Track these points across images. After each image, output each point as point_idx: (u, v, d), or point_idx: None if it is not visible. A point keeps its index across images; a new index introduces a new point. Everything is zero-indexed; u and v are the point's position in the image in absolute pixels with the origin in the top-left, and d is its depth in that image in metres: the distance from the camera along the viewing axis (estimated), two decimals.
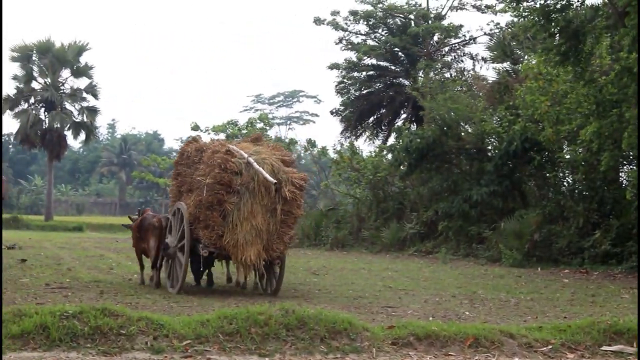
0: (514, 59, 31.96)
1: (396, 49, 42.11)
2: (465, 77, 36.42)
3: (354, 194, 32.41)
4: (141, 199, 78.36)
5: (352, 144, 36.29)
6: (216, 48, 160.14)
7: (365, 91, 42.64)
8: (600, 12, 17.81)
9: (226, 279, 14.34)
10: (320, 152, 39.46)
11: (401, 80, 42.10)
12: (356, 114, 41.85)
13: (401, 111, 42.00)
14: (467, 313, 11.31)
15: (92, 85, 49.15)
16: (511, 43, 32.75)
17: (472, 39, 40.91)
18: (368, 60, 42.32)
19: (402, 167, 27.32)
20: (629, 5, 16.82)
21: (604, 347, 8.59)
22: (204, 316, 8.46)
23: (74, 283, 13.78)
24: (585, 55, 18.22)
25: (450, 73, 39.11)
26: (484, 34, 39.70)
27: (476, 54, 40.86)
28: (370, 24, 42.20)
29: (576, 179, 22.78)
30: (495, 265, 21.36)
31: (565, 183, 24.02)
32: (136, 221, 14.73)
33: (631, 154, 19.96)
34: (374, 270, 19.18)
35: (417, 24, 40.34)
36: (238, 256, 12.70)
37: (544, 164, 23.08)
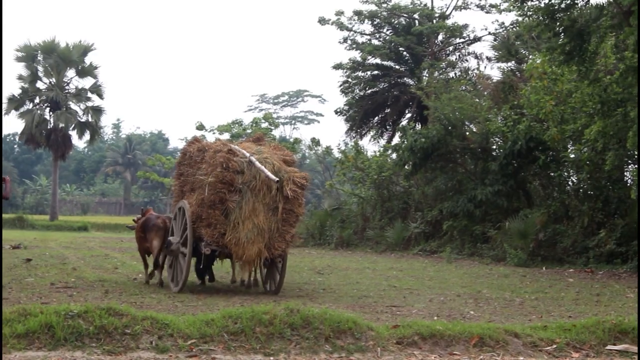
0: (518, 58, 31.96)
1: (401, 49, 42.12)
2: (469, 76, 36.41)
3: (358, 193, 32.42)
4: (146, 198, 78.48)
5: (357, 143, 36.27)
6: (221, 47, 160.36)
7: (369, 91, 42.63)
8: (605, 12, 17.77)
9: (231, 280, 14.36)
10: (324, 152, 39.47)
11: (406, 79, 42.09)
12: (361, 114, 41.86)
13: (406, 111, 42.02)
14: (471, 312, 11.29)
15: (97, 85, 49.24)
16: (516, 42, 32.75)
17: (477, 39, 40.93)
18: (372, 60, 42.35)
19: (406, 167, 27.29)
20: (634, 5, 16.80)
21: (609, 347, 8.58)
22: (209, 315, 8.46)
23: (78, 282, 13.80)
24: (590, 55, 18.19)
25: (454, 72, 39.13)
26: (489, 33, 39.75)
27: (480, 53, 40.94)
28: (375, 23, 42.21)
29: (581, 179, 22.73)
30: (499, 264, 21.34)
31: (570, 182, 23.96)
32: (139, 221, 14.81)
33: (636, 153, 19.92)
34: (379, 270, 19.18)
35: (422, 24, 40.33)
36: (240, 254, 12.77)
37: (549, 163, 23.03)
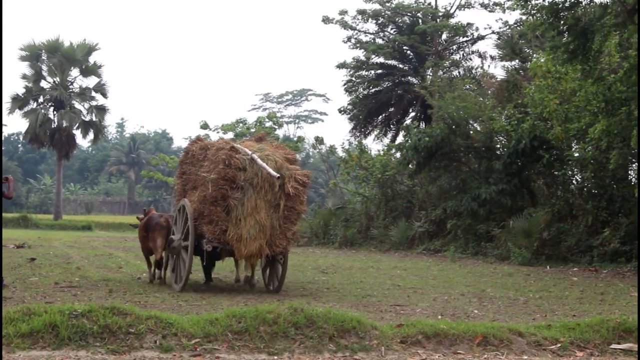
0: (522, 57, 31.93)
1: (404, 48, 42.13)
2: (473, 75, 36.39)
3: (362, 192, 32.43)
4: (150, 197, 78.54)
5: (361, 142, 36.32)
6: (225, 47, 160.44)
7: (373, 90, 42.65)
8: (609, 10, 17.73)
9: (235, 279, 14.38)
10: (328, 151, 39.48)
11: (409, 78, 42.10)
12: (364, 113, 41.88)
13: (409, 109, 42.03)
14: (475, 311, 11.28)
15: (101, 84, 49.30)
16: (520, 41, 32.72)
17: (481, 37, 40.90)
18: (376, 59, 42.35)
19: (410, 166, 27.28)
20: (638, 3, 16.77)
21: (613, 345, 8.57)
22: (213, 315, 8.47)
23: (83, 282, 13.81)
24: (594, 54, 18.17)
25: (458, 71, 39.10)
26: (492, 32, 39.74)
27: (484, 52, 40.89)
28: (379, 22, 42.21)
29: (585, 177, 22.70)
30: (504, 263, 21.33)
31: (574, 181, 23.95)
32: (142, 221, 14.88)
33: (639, 152, 19.89)
34: (383, 269, 19.17)
35: (425, 23, 40.31)
36: (241, 251, 12.84)
37: (553, 162, 23.02)
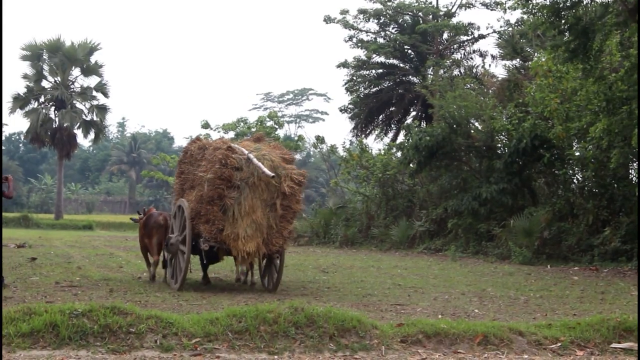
0: (523, 56, 31.92)
1: (406, 47, 42.11)
2: (474, 74, 36.38)
3: (363, 191, 32.43)
4: (151, 197, 78.60)
5: (362, 141, 36.31)
6: (226, 46, 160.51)
7: (374, 89, 42.65)
8: (610, 9, 17.74)
9: (235, 279, 14.42)
10: (329, 150, 39.49)
11: (410, 78, 42.08)
12: (365, 112, 41.88)
13: (410, 109, 42.04)
14: (476, 311, 11.28)
15: (102, 84, 49.33)
16: (521, 40, 32.71)
17: (482, 36, 40.88)
18: (377, 58, 42.34)
19: (411, 165, 27.29)
20: (638, 2, 16.76)
21: (614, 345, 8.56)
22: (213, 314, 8.47)
23: (83, 281, 13.82)
24: (595, 53, 18.16)
25: (459, 70, 39.08)
26: (494, 31, 39.70)
27: (485, 51, 40.89)
28: (380, 22, 42.21)
29: (586, 176, 22.70)
30: (504, 262, 21.32)
31: (575, 180, 23.94)
32: (142, 219, 14.98)
33: (639, 151, 19.89)
34: (383, 268, 19.18)
35: (427, 22, 40.30)
36: (238, 250, 12.92)
37: (554, 161, 23.01)
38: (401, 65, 42.64)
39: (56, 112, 48.30)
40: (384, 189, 30.77)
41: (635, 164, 21.96)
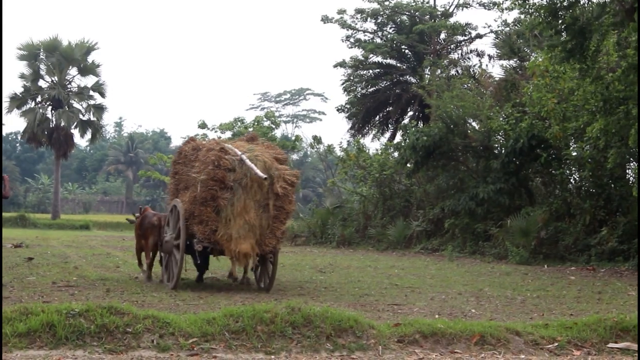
0: (520, 56, 31.92)
1: (403, 47, 42.12)
2: (472, 74, 36.37)
3: (360, 191, 32.43)
4: (148, 197, 78.55)
5: (359, 141, 36.30)
6: (223, 46, 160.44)
7: (371, 89, 42.68)
8: (607, 9, 17.73)
9: (227, 276, 14.48)
10: (326, 150, 39.48)
11: (408, 78, 42.10)
12: (363, 112, 41.89)
13: (408, 109, 42.05)
14: (473, 310, 11.29)
15: (99, 84, 49.28)
16: (518, 40, 32.72)
17: (479, 36, 40.91)
18: (374, 58, 42.38)
19: (408, 165, 27.30)
20: (636, 2, 16.76)
21: (611, 345, 8.57)
22: (210, 314, 8.47)
23: (80, 281, 13.81)
24: (592, 53, 18.16)
25: (456, 70, 39.09)
26: (491, 31, 39.72)
27: (482, 51, 40.89)
28: (378, 22, 42.22)
29: (583, 176, 22.70)
30: (501, 262, 21.33)
31: (572, 180, 23.94)
32: (138, 220, 15.03)
33: (638, 151, 19.91)
34: (380, 268, 19.18)
35: (424, 22, 40.31)
36: (232, 250, 12.97)
37: (551, 161, 23.03)
38: (398, 65, 42.66)
39: (53, 111, 48.26)
40: (381, 188, 30.77)
41: (632, 164, 21.96)
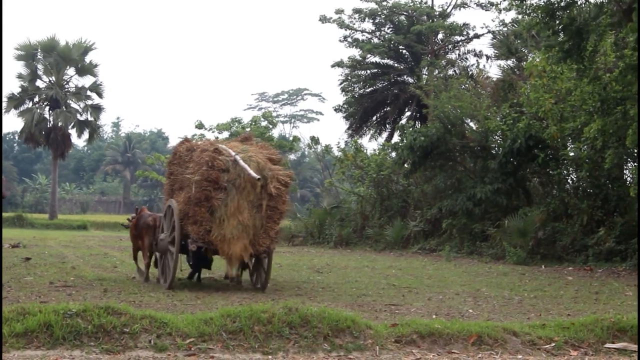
0: (518, 56, 31.94)
1: (400, 47, 42.12)
2: (469, 74, 36.39)
3: (357, 191, 32.42)
4: (145, 197, 78.51)
5: (356, 141, 36.30)
6: (221, 46, 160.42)
7: (369, 89, 42.68)
8: (604, 10, 17.75)
9: (224, 276, 14.51)
10: (324, 150, 39.46)
11: (405, 78, 42.11)
12: (360, 112, 41.90)
13: (405, 109, 42.07)
14: (470, 311, 11.29)
15: (96, 84, 49.23)
16: (516, 40, 32.74)
17: (477, 36, 40.93)
18: (372, 58, 42.38)
19: (406, 165, 27.29)
20: (634, 2, 16.77)
21: (608, 345, 8.57)
22: (208, 314, 8.47)
23: (77, 281, 13.80)
24: (589, 53, 18.17)
25: (454, 71, 39.10)
26: (488, 31, 39.75)
27: (480, 51, 40.91)
28: (376, 22, 42.23)
29: (580, 177, 22.72)
30: (499, 262, 21.34)
31: (569, 180, 23.95)
32: (133, 220, 15.10)
33: (635, 151, 19.93)
34: (378, 268, 19.18)
35: (421, 22, 40.32)
36: (225, 250, 13.06)
37: (548, 161, 23.03)
38: (396, 65, 42.67)
39: (50, 111, 48.21)
40: (378, 189, 30.77)
41: (629, 164, 21.99)
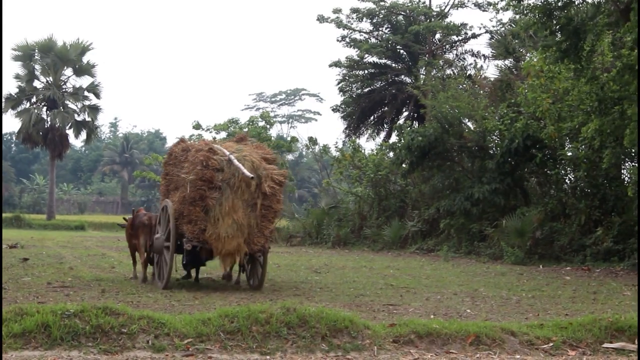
0: (516, 56, 31.93)
1: (398, 47, 42.12)
2: (467, 74, 36.38)
3: (355, 192, 32.38)
4: (143, 197, 78.45)
5: (354, 141, 36.29)
6: (218, 46, 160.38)
7: (367, 89, 42.65)
8: (602, 9, 17.75)
9: (222, 276, 14.55)
10: (322, 150, 39.46)
11: (403, 78, 42.10)
12: (358, 112, 41.88)
13: (403, 109, 42.06)
14: (468, 311, 11.29)
15: (94, 84, 49.19)
16: (513, 40, 32.73)
17: (474, 36, 40.94)
18: (370, 58, 42.36)
19: (403, 165, 27.29)
20: (633, 2, 16.77)
21: (606, 345, 8.58)
22: (205, 314, 8.47)
23: (75, 282, 13.81)
24: (587, 53, 18.18)
25: (452, 71, 39.09)
26: (486, 31, 39.73)
27: (478, 51, 40.92)
28: (374, 22, 42.22)
29: (578, 176, 22.71)
30: (496, 262, 21.34)
31: (567, 180, 23.95)
32: (130, 219, 15.18)
33: (633, 151, 19.93)
34: (376, 268, 19.18)
35: (419, 22, 40.32)
36: (220, 249, 13.15)
37: (546, 161, 23.03)
38: (394, 65, 42.67)
39: (48, 112, 48.16)
40: (376, 189, 30.76)
41: (627, 164, 22.00)
